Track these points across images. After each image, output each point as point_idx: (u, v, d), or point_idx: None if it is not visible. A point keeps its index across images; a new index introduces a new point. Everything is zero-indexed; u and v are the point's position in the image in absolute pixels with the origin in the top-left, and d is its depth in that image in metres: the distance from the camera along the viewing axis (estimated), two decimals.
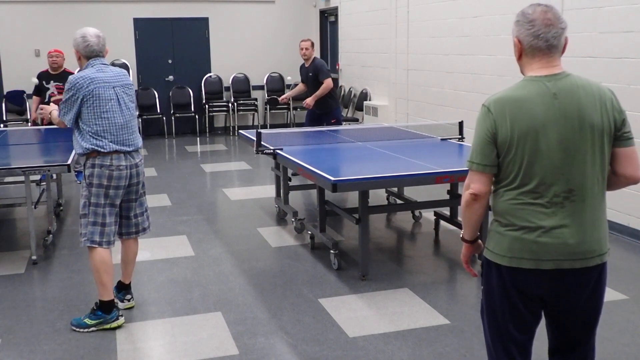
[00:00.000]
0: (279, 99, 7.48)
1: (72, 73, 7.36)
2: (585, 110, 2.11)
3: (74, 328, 3.79)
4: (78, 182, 7.41)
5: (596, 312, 2.28)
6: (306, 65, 7.37)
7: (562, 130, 2.10)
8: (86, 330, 3.76)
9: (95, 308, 3.81)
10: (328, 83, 7.20)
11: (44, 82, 7.47)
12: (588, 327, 2.29)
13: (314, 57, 7.39)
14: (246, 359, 3.44)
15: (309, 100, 7.24)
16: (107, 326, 3.78)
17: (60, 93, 7.33)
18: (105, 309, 3.78)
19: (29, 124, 8.50)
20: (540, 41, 2.13)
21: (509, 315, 2.26)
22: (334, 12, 11.53)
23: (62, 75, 7.33)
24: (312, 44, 7.38)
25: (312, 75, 7.28)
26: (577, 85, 2.14)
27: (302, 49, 7.30)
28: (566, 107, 2.11)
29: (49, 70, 7.45)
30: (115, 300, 3.93)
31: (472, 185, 2.20)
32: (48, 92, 7.41)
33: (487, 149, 2.17)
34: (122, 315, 3.88)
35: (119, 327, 3.79)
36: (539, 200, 2.13)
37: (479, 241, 2.38)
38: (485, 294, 2.33)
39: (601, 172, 2.17)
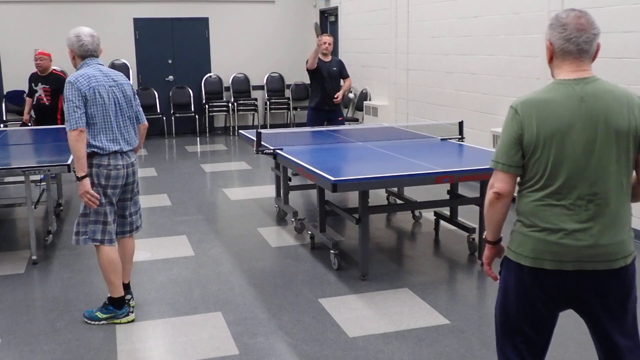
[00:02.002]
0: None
1: (60, 74, 7.33)
2: (611, 115, 2.12)
3: (86, 320, 3.88)
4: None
5: (627, 314, 2.24)
6: (325, 60, 7.35)
7: (587, 134, 2.12)
8: (97, 322, 3.85)
9: (107, 303, 3.89)
10: (350, 79, 7.70)
11: (32, 84, 7.40)
12: (627, 330, 2.25)
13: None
14: (246, 359, 3.44)
15: (341, 95, 7.36)
16: (117, 321, 3.86)
17: (47, 95, 7.26)
18: (115, 304, 3.87)
19: (19, 124, 8.43)
20: (571, 45, 2.15)
21: (524, 315, 2.27)
22: (334, 12, 11.54)
23: (50, 77, 7.27)
24: (333, 41, 7.54)
25: (336, 70, 7.37)
26: (605, 89, 2.16)
27: (325, 43, 7.27)
28: (592, 111, 2.13)
29: (38, 72, 7.38)
30: (127, 297, 3.98)
31: (496, 185, 2.23)
32: (36, 95, 7.33)
33: (513, 150, 2.19)
34: (132, 312, 3.93)
35: (129, 322, 3.87)
36: (562, 202, 2.15)
37: (502, 243, 2.39)
38: (501, 292, 2.35)
39: (626, 176, 2.18)
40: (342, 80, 7.56)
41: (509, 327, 2.32)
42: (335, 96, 7.31)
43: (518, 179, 2.24)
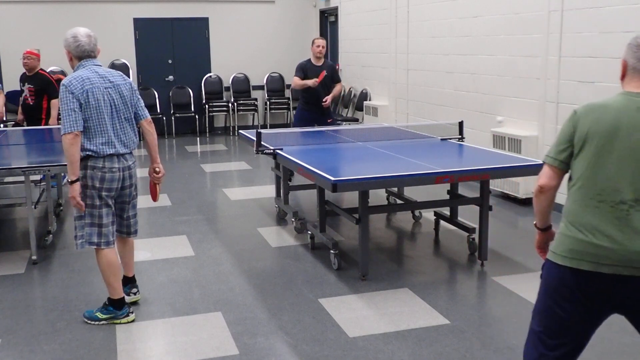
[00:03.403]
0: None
1: (45, 75, 7.27)
2: None
3: (86, 320, 3.88)
4: (63, 183, 7.31)
5: None
6: (317, 64, 7.31)
7: (635, 141, 2.14)
8: (97, 323, 3.86)
9: (107, 304, 3.89)
10: (341, 84, 7.69)
11: (21, 84, 7.35)
12: None
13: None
14: (246, 359, 3.44)
15: (330, 99, 7.30)
16: (117, 321, 3.86)
17: (31, 95, 7.20)
18: (115, 305, 3.87)
19: (12, 124, 8.38)
20: None
21: (557, 316, 2.27)
22: (334, 12, 11.54)
23: (35, 77, 7.18)
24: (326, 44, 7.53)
25: (327, 74, 7.30)
26: None
27: (319, 46, 7.24)
28: None
29: (26, 71, 7.30)
30: (133, 291, 4.00)
31: (541, 179, 2.34)
32: (22, 94, 7.27)
33: (562, 146, 2.29)
34: (132, 312, 3.93)
35: (129, 322, 3.87)
36: (603, 204, 2.17)
37: (553, 230, 2.45)
38: (539, 291, 2.37)
39: None
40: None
41: (542, 328, 2.32)
42: (324, 100, 7.23)
43: (566, 178, 2.30)
